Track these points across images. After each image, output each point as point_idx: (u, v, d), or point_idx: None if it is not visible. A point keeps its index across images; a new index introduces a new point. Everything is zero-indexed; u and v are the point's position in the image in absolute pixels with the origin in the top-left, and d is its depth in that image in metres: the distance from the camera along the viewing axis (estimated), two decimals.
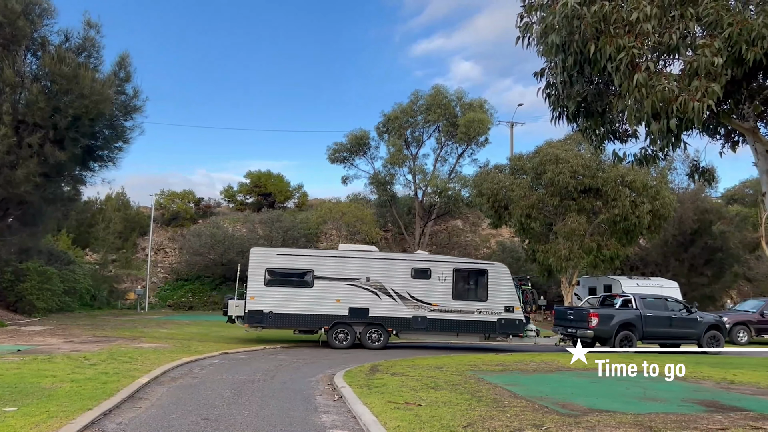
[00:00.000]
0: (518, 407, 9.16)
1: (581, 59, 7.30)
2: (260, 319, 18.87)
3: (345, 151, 40.97)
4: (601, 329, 20.11)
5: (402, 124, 39.91)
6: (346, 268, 19.33)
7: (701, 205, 37.16)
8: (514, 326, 19.79)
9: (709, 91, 6.66)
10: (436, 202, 40.73)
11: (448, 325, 19.47)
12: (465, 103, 39.98)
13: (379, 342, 19.22)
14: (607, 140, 9.26)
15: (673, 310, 21.39)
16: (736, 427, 7.94)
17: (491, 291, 19.73)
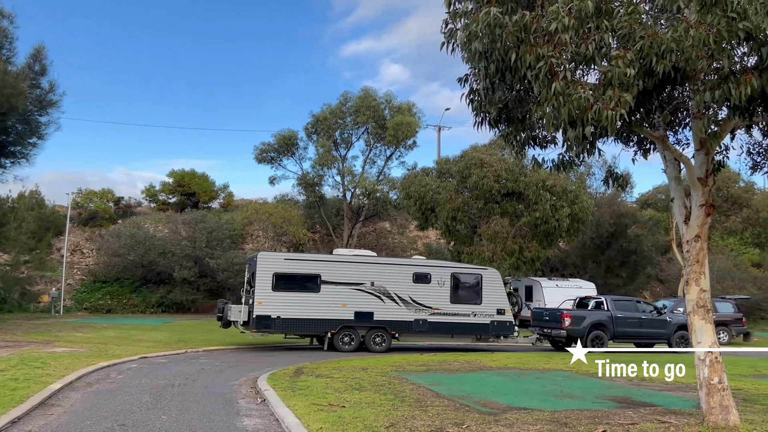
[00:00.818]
0: (440, 406, 9.31)
1: (503, 67, 7.49)
2: (268, 324, 18.69)
3: (273, 151, 40.50)
4: (573, 329, 21.13)
5: (331, 125, 39.82)
6: (352, 273, 19.56)
7: (617, 210, 38.79)
8: (505, 328, 20.71)
9: (621, 101, 6.95)
10: (364, 203, 40.85)
11: (446, 328, 20.15)
12: (394, 106, 40.26)
13: (383, 345, 19.54)
14: (527, 146, 9.52)
15: (644, 311, 22.46)
16: (645, 421, 8.34)
17: (485, 295, 20.55)
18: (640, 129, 8.69)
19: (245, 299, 19.73)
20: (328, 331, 19.21)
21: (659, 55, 7.01)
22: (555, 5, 7.01)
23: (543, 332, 22.55)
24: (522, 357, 17.54)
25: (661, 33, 7.04)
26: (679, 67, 7.05)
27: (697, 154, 8.81)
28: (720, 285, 31.37)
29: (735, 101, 6.89)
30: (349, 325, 19.30)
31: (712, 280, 25.86)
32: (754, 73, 6.85)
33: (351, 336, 19.34)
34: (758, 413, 9.22)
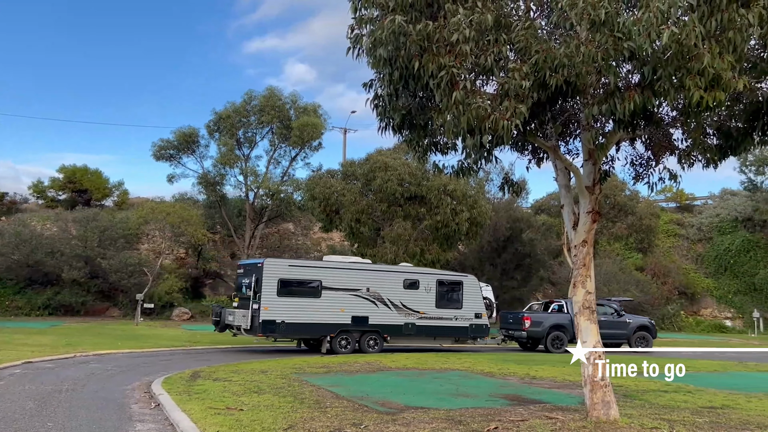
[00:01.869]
0: (339, 407, 9.37)
1: (407, 74, 7.66)
2: (273, 328, 19.19)
3: (172, 148, 39.23)
4: (533, 331, 22.97)
5: (234, 123, 39.07)
6: (349, 280, 20.40)
7: (513, 215, 40.22)
8: (482, 330, 22.21)
9: (517, 112, 7.28)
10: (267, 204, 40.32)
11: (432, 331, 21.42)
12: (299, 106, 40.03)
13: (376, 348, 20.41)
14: (429, 152, 9.78)
15: (604, 313, 23.51)
16: (534, 418, 8.73)
17: (465, 300, 21.90)
18: (534, 139, 9.11)
19: (242, 304, 20.07)
20: (327, 334, 19.89)
21: (552, 69, 7.37)
22: (457, 17, 7.24)
23: (508, 333, 24.05)
24: (421, 358, 17.90)
25: (554, 48, 7.41)
26: (570, 81, 7.43)
27: (586, 164, 9.35)
28: (606, 287, 33.20)
29: (619, 115, 7.37)
30: (346, 329, 20.15)
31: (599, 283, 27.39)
32: (637, 90, 7.35)
33: (348, 339, 20.17)
34: (636, 408, 9.88)
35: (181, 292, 35.14)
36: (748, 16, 6.77)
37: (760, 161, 38.73)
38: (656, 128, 9.03)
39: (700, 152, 9.71)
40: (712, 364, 18.41)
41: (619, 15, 6.97)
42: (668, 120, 9.37)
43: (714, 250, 43.80)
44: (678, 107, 8.40)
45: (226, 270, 40.93)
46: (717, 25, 6.83)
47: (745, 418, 9.21)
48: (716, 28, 6.85)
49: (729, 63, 6.82)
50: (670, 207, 50.29)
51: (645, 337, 24.01)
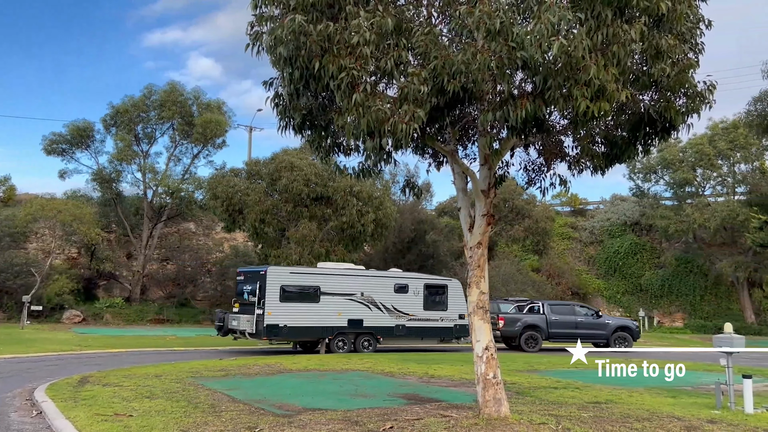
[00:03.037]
0: (235, 411, 9.19)
1: (307, 74, 7.62)
2: (277, 332, 20.24)
3: (64, 142, 37.25)
4: (507, 330, 24.12)
5: (132, 118, 37.57)
6: (345, 285, 21.61)
7: (418, 216, 40.90)
8: (466, 330, 22.34)
9: (415, 116, 7.39)
10: (167, 203, 39.04)
11: (420, 332, 22.80)
12: (202, 102, 39.01)
13: (370, 348, 21.59)
14: (333, 153, 9.79)
15: (581, 314, 24.63)
16: (429, 416, 8.90)
17: (450, 302, 23.29)
18: (433, 143, 9.29)
19: (244, 309, 20.87)
20: (326, 336, 21.04)
21: (450, 75, 7.54)
22: (357, 19, 7.28)
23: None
24: (322, 359, 17.86)
25: (452, 55, 7.58)
26: (467, 87, 7.63)
27: (482, 169, 9.62)
28: (504, 288, 34.31)
29: (512, 122, 7.63)
30: (343, 331, 21.34)
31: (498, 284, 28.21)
32: (529, 98, 7.63)
33: (344, 341, 21.35)
34: (527, 404, 10.25)
35: (72, 293, 33.35)
36: (630, 31, 7.20)
37: (647, 169, 41.13)
38: (547, 135, 9.40)
39: (589, 159, 10.20)
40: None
41: (514, 25, 7.21)
42: (559, 128, 9.81)
43: (605, 253, 46.19)
44: (567, 116, 8.82)
45: (121, 270, 39.30)
46: (603, 39, 7.22)
47: (626, 412, 9.75)
48: (602, 42, 7.24)
49: (613, 75, 7.21)
50: (565, 211, 52.60)
51: (625, 338, 24.59)
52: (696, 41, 8.73)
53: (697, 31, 8.72)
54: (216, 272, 40.08)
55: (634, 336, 25.27)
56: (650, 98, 8.82)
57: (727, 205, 35.58)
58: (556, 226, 47.27)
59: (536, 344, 24.36)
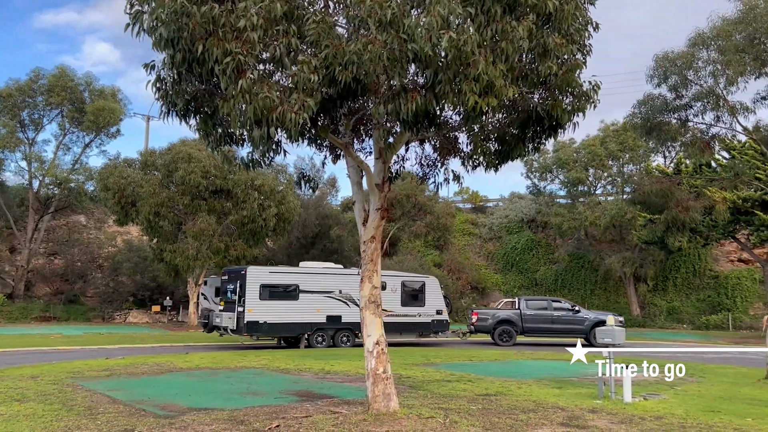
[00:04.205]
0: (113, 413, 8.68)
1: (190, 57, 7.23)
2: (257, 328, 21.05)
3: None
4: (480, 325, 25.03)
5: (17, 103, 35.21)
6: (324, 283, 22.34)
7: (323, 211, 40.65)
8: (443, 325, 24.46)
9: (305, 105, 7.17)
10: (55, 194, 36.86)
11: (398, 327, 23.05)
12: (95, 89, 37.09)
13: (348, 343, 22.22)
14: (224, 142, 9.39)
15: (558, 309, 24.71)
16: (319, 413, 8.73)
17: (427, 298, 24.13)
18: (326, 135, 9.10)
19: (227, 307, 21.73)
20: (305, 332, 21.77)
21: (342, 66, 7.35)
22: (245, 2, 6.98)
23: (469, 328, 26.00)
24: (216, 356, 17.31)
25: (344, 44, 7.41)
26: (359, 78, 7.47)
27: (376, 162, 9.53)
28: None
29: (403, 116, 7.54)
30: (322, 327, 22.04)
31: None
32: (420, 92, 7.57)
33: (323, 336, 22.07)
34: (419, 398, 10.28)
35: None
36: (518, 28, 7.27)
37: (544, 168, 42.64)
38: (440, 130, 9.41)
39: (482, 156, 10.31)
40: (493, 354, 19.92)
41: (406, 17, 7.12)
42: (453, 124, 9.86)
43: (503, 248, 47.58)
44: (459, 111, 8.86)
45: (3, 265, 36.75)
46: (492, 35, 7.25)
47: (514, 404, 9.95)
48: (491, 38, 7.27)
49: (501, 71, 7.26)
50: (466, 208, 53.80)
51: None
52: (584, 42, 8.92)
53: (585, 33, 8.92)
54: (108, 267, 38.29)
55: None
56: (539, 96, 8.99)
57: (616, 204, 37.41)
58: (458, 222, 48.25)
59: (510, 339, 24.69)
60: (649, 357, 14.69)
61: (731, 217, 29.47)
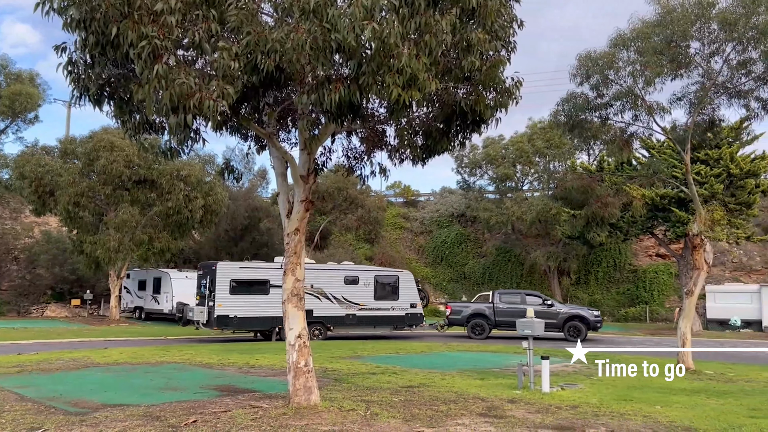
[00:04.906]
0: (20, 411, 8.28)
1: (103, 40, 6.92)
2: (227, 322, 21.59)
3: None
4: (453, 318, 25.50)
5: None
6: None
7: (252, 203, 40.01)
8: (417, 318, 24.97)
9: (225, 93, 6.99)
10: None
11: (371, 320, 24.09)
12: (11, 72, 35.34)
13: (320, 336, 22.63)
14: (142, 130, 9.05)
15: (531, 303, 23.80)
16: (238, 408, 8.58)
17: (401, 292, 24.52)
18: (249, 124, 8.93)
19: (201, 302, 22.25)
20: (276, 326, 21.66)
21: (265, 53, 7.21)
22: None
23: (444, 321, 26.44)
24: (136, 351, 16.77)
25: (267, 32, 7.26)
26: (283, 67, 7.35)
27: (301, 154, 9.42)
28: None
29: (327, 106, 7.46)
30: None
31: None
32: (344, 83, 7.51)
33: None
34: (342, 391, 10.25)
35: None
36: (442, 22, 7.29)
37: (473, 164, 43.23)
38: (365, 123, 9.38)
39: (408, 149, 10.34)
40: (420, 346, 20.12)
41: (329, 6, 7.04)
42: (379, 116, 9.85)
43: (433, 242, 48.11)
44: (384, 104, 8.84)
45: None
46: (415, 28, 7.25)
47: (436, 395, 10.06)
48: (415, 30, 7.27)
49: (424, 64, 7.26)
50: (398, 202, 54.11)
51: (577, 327, 23.84)
52: (508, 39, 9.06)
53: (510, 29, 9.05)
54: (24, 260, 36.56)
55: (590, 326, 24.28)
56: (463, 91, 9.07)
57: (541, 200, 38.32)
58: (389, 216, 48.47)
59: (483, 332, 24.79)
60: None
61: (649, 214, 30.75)
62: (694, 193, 15.93)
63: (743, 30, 13.81)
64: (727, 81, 15.12)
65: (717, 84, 15.08)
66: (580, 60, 15.22)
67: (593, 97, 15.68)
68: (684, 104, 15.71)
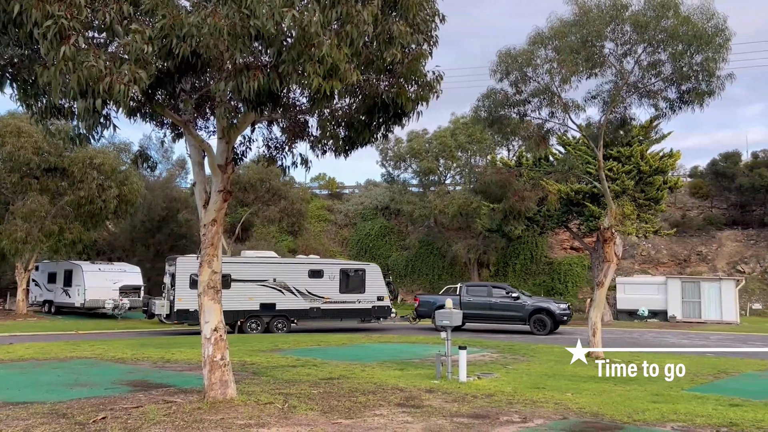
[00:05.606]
0: None
1: (5, 18, 6.53)
2: (187, 316, 21.35)
3: None
4: (422, 311, 25.72)
5: None
6: (257, 272, 23.10)
7: (170, 194, 38.93)
8: (384, 311, 25.06)
9: (137, 78, 6.72)
10: None
11: (337, 313, 24.21)
12: None
13: (284, 329, 22.97)
14: (50, 114, 8.60)
15: (497, 296, 24.56)
16: (151, 403, 8.32)
17: (368, 285, 24.55)
18: (164, 111, 8.65)
19: (166, 296, 22.30)
20: (238, 319, 22.29)
21: (180, 38, 6.98)
22: None
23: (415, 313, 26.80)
24: (44, 347, 15.99)
25: (183, 16, 7.03)
26: (200, 53, 7.14)
27: (219, 143, 9.21)
28: None
29: (245, 94, 7.30)
30: (255, 314, 22.83)
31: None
32: (264, 71, 7.37)
33: (257, 323, 22.85)
34: (260, 384, 10.12)
35: None
36: (363, 12, 7.27)
37: (398, 157, 43.54)
38: (286, 113, 9.27)
39: (331, 141, 10.28)
40: (342, 338, 20.14)
41: None
42: (301, 107, 9.74)
43: (357, 235, 48.21)
44: (306, 94, 8.75)
45: None
46: (337, 17, 7.20)
47: (355, 386, 10.08)
48: (336, 20, 7.22)
49: (345, 55, 7.22)
50: (322, 194, 53.89)
51: (542, 320, 23.42)
52: (430, 33, 9.13)
53: (432, 23, 9.12)
54: None
55: (556, 319, 23.76)
56: (385, 84, 9.08)
57: (463, 194, 39.03)
58: (313, 208, 48.20)
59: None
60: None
61: (564, 208, 31.83)
62: (606, 188, 16.60)
63: (654, 32, 14.46)
64: (638, 81, 15.78)
65: (629, 84, 15.73)
66: (500, 57, 15.54)
67: (512, 94, 16.05)
68: (598, 102, 16.33)
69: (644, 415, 8.20)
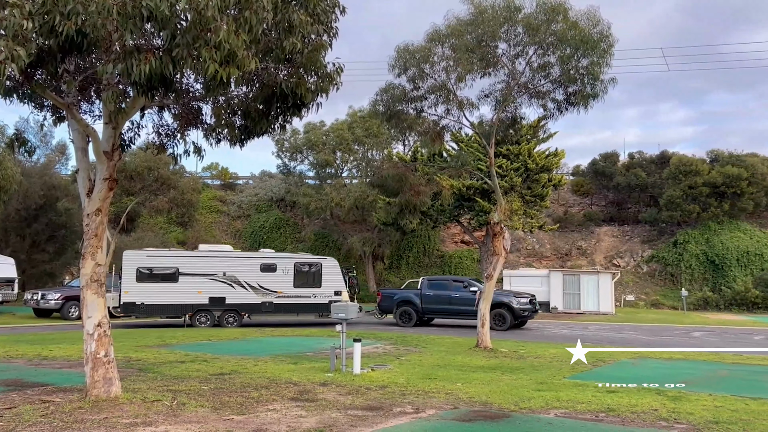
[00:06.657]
0: None
1: None
2: (133, 309, 22.06)
3: None
4: (384, 305, 25.41)
5: None
6: (206, 266, 22.94)
7: (49, 181, 36.60)
8: None
9: (15, 55, 6.24)
10: None
11: (291, 308, 23.76)
12: None
13: (234, 324, 22.70)
14: None
15: (456, 289, 23.91)
16: (27, 403, 7.78)
17: (324, 280, 24.03)
18: (44, 92, 8.08)
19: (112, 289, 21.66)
20: (186, 313, 22.48)
21: (65, 15, 6.56)
22: None
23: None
24: None
25: None
26: (86, 32, 6.72)
27: (106, 128, 8.71)
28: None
29: (136, 78, 6.94)
30: (204, 308, 22.60)
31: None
32: (156, 54, 7.04)
33: (207, 317, 22.62)
34: (147, 381, 9.71)
35: None
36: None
37: (294, 149, 43.14)
38: (178, 99, 8.92)
39: (226, 129, 9.99)
40: (234, 332, 19.74)
41: None
42: (195, 93, 9.40)
43: (251, 227, 47.36)
44: (201, 80, 8.44)
45: None
46: (235, 2, 6.98)
47: (247, 381, 9.88)
48: (234, 5, 7.00)
49: (244, 41, 7.02)
50: (214, 184, 52.50)
51: (502, 315, 22.35)
52: (331, 24, 9.04)
53: (333, 15, 9.04)
54: None
55: (516, 315, 22.78)
56: (285, 73, 8.93)
57: (359, 187, 39.30)
58: (205, 198, 46.90)
59: (410, 320, 24.00)
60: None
61: (456, 203, 32.75)
62: (496, 185, 17.18)
63: (544, 35, 15.09)
64: (528, 82, 16.42)
65: (520, 84, 16.34)
66: (398, 52, 15.71)
67: (410, 89, 16.28)
68: (491, 101, 16.86)
69: (530, 403, 8.56)
